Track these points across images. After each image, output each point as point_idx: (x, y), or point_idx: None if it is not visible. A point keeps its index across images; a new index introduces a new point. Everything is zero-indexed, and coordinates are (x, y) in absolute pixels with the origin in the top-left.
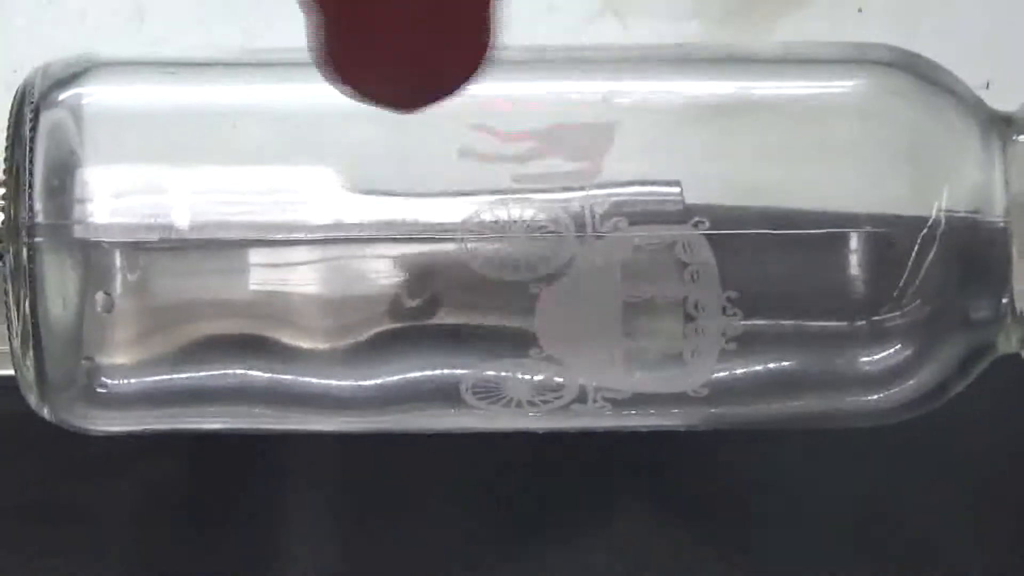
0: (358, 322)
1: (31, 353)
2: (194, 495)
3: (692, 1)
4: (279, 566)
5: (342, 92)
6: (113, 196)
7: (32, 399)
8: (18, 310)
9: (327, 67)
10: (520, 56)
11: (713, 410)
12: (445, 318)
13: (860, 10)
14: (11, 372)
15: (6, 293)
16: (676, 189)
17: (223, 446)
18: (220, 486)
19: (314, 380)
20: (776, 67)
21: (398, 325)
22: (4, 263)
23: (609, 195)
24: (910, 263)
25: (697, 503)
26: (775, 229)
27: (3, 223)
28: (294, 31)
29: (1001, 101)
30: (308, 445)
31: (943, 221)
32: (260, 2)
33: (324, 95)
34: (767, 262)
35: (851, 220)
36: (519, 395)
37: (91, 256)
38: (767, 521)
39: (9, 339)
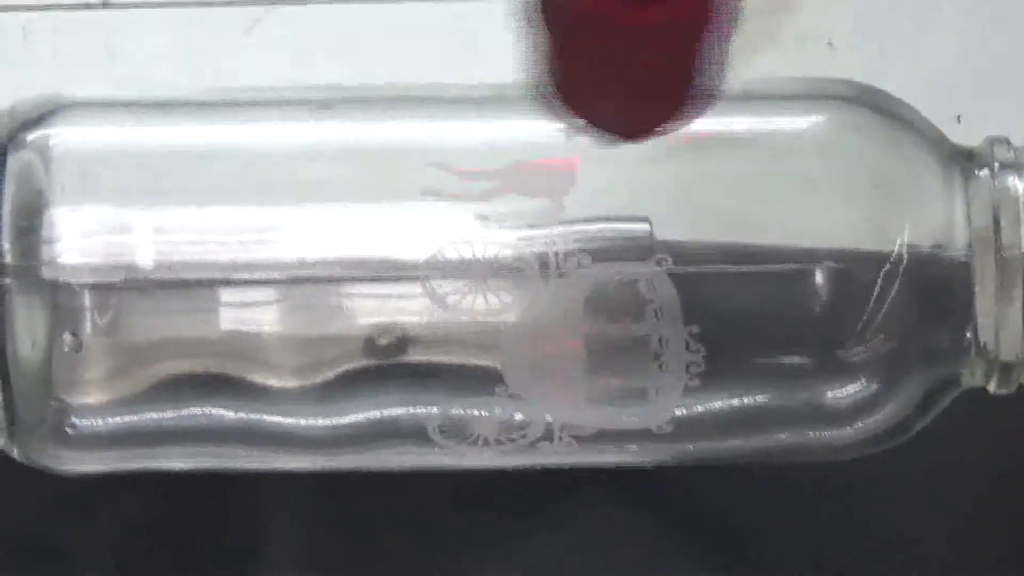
0: (325, 361)
1: (0, 393)
2: (171, 531)
3: None
4: None
5: (567, 122)
6: (81, 237)
7: (1, 440)
8: None
9: (555, 97)
10: (483, 93)
11: (679, 446)
12: (411, 357)
13: (830, 43)
14: None
15: None
16: (645, 225)
17: (200, 481)
18: (197, 522)
19: (282, 419)
20: (738, 103)
21: (364, 364)
22: None
23: (573, 232)
24: (873, 298)
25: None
26: (738, 264)
27: None
28: (264, 71)
29: (972, 135)
30: (286, 479)
31: (905, 256)
32: (231, 42)
33: (288, 135)
34: (730, 298)
35: (813, 255)
36: (486, 433)
37: (59, 297)
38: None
39: None
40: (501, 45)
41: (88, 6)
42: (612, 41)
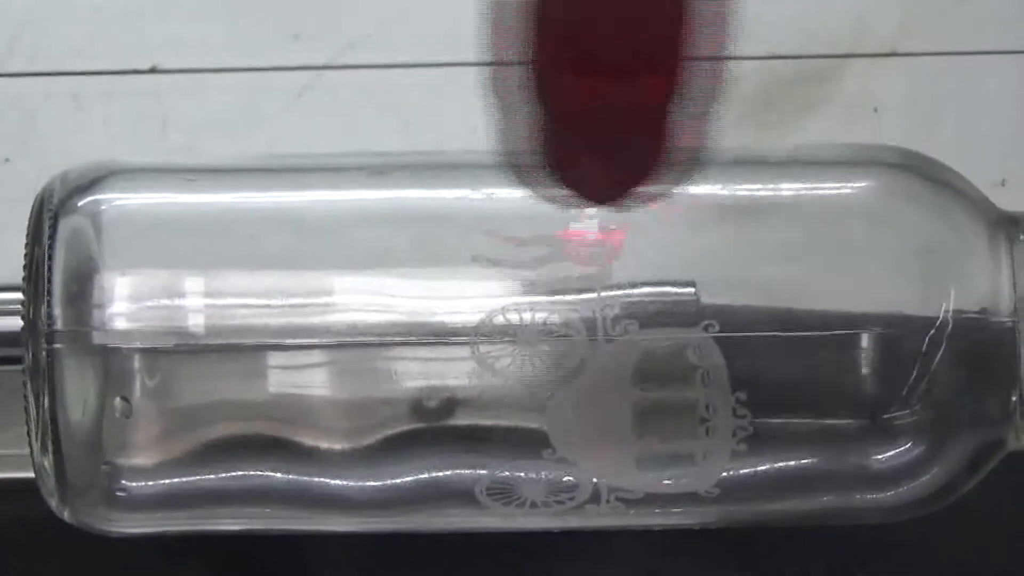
0: (374, 424)
1: (51, 457)
2: None
3: None
4: None
5: (556, 191)
6: (131, 302)
7: (53, 502)
8: (38, 414)
9: (548, 169)
10: None
11: (725, 509)
12: (460, 420)
13: (876, 110)
14: (31, 475)
15: (26, 398)
16: (691, 290)
17: (244, 548)
18: None
19: (331, 481)
20: (785, 169)
21: (413, 427)
22: (24, 368)
23: (620, 298)
24: (918, 363)
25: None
26: (784, 330)
27: (23, 328)
28: (314, 136)
29: (1016, 198)
30: (330, 547)
31: (951, 321)
32: (281, 107)
33: (339, 200)
34: (777, 363)
35: (860, 321)
36: (533, 496)
37: (110, 361)
38: None
39: (29, 443)
40: None
41: (137, 71)
42: (588, 107)
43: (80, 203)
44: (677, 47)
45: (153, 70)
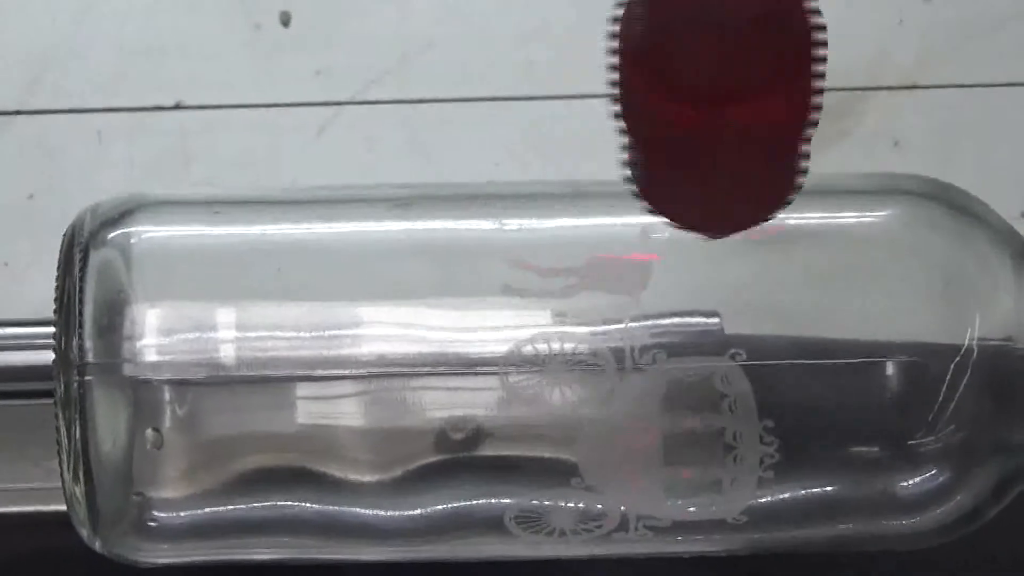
0: (403, 455)
1: (83, 488)
2: None
3: None
4: None
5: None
6: (161, 334)
7: (84, 533)
8: (70, 445)
9: (642, 197)
10: (559, 190)
11: (752, 536)
12: (489, 450)
13: (896, 143)
14: (63, 508)
15: (57, 429)
16: (716, 320)
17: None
18: None
19: (361, 511)
20: (810, 198)
21: (443, 457)
22: (55, 399)
23: (648, 328)
24: (943, 390)
25: None
26: (810, 358)
27: (55, 360)
28: (337, 170)
29: None
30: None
31: (976, 349)
32: (303, 142)
33: (367, 232)
34: (803, 391)
35: (885, 349)
36: (562, 524)
37: (140, 393)
38: None
39: (61, 474)
40: (573, 145)
41: (161, 108)
42: (694, 142)
43: (110, 236)
44: (786, 77)
45: (178, 106)
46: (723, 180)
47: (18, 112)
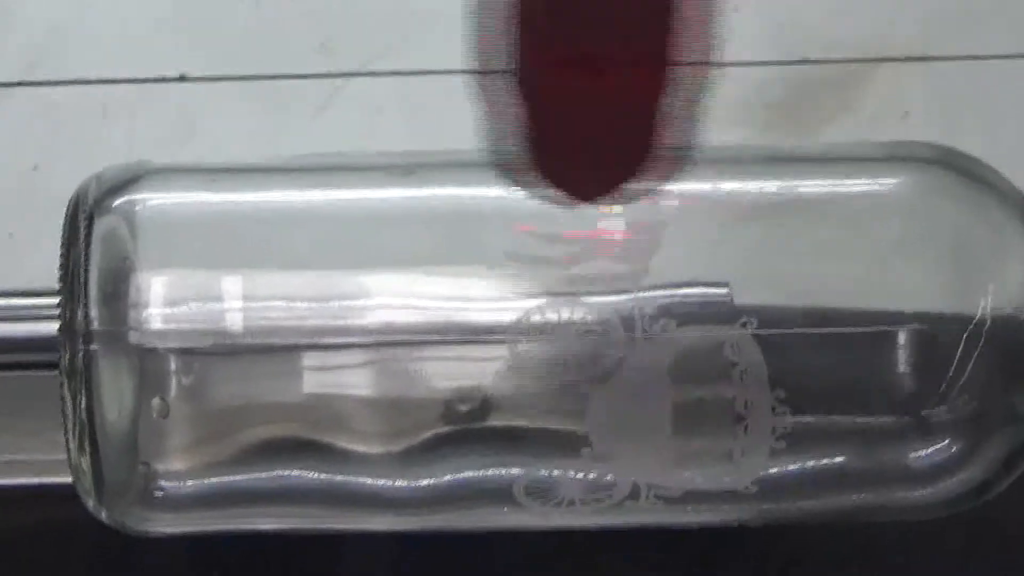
0: (411, 425)
1: (88, 458)
2: None
3: (735, 110)
4: None
5: (546, 190)
6: (167, 302)
7: (90, 503)
8: (75, 416)
9: (536, 168)
10: None
11: (763, 506)
12: (497, 420)
13: (905, 115)
14: (68, 479)
15: (63, 399)
16: (724, 290)
17: (272, 556)
18: None
19: (368, 481)
20: (820, 166)
21: (451, 428)
22: (60, 369)
23: (657, 296)
24: (956, 360)
25: None
26: (822, 327)
27: (60, 329)
28: (341, 142)
29: None
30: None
31: (988, 318)
32: (308, 114)
33: (373, 200)
34: (814, 360)
35: (897, 318)
36: (572, 494)
37: (146, 362)
38: None
39: (66, 445)
40: None
41: (165, 80)
42: (574, 105)
43: (115, 203)
44: (662, 44)
45: (182, 78)
46: (602, 143)
47: (21, 83)
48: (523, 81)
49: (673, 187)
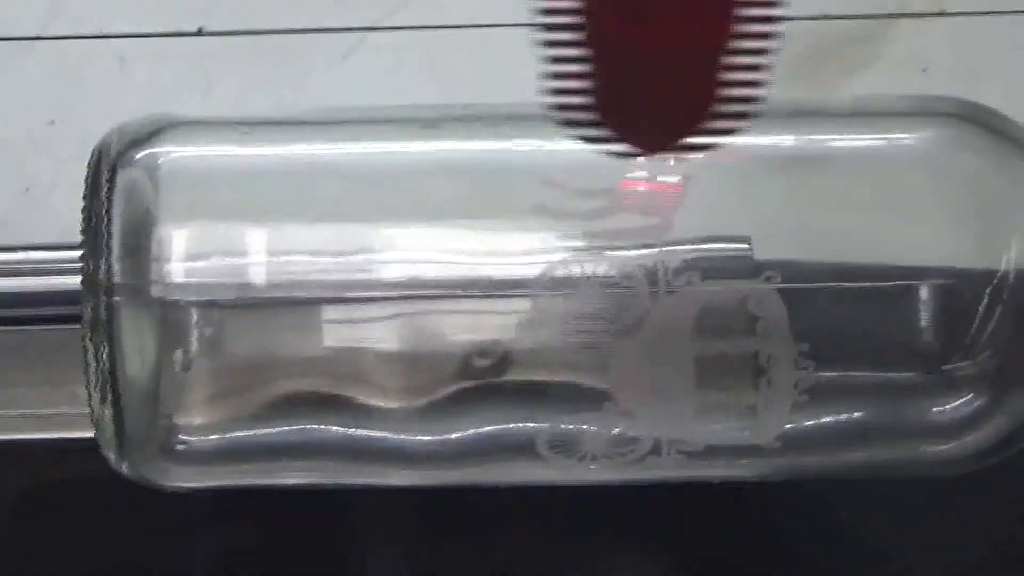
0: (434, 379)
1: (111, 410)
2: (268, 558)
3: None
4: None
5: (608, 142)
6: (189, 255)
7: (111, 456)
8: (97, 369)
9: (600, 120)
10: None
11: (786, 461)
12: (520, 375)
13: (925, 70)
14: (89, 433)
15: (85, 352)
16: (746, 245)
17: (296, 507)
18: (294, 548)
19: (390, 435)
20: (844, 120)
21: (474, 382)
22: (83, 322)
23: (681, 251)
24: (979, 314)
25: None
26: (846, 282)
27: (82, 282)
28: (361, 97)
29: None
30: (380, 504)
31: (1012, 272)
32: (327, 69)
33: (397, 153)
34: (838, 315)
35: (920, 273)
36: (594, 449)
37: (168, 315)
38: None
39: (88, 397)
40: None
41: (183, 33)
42: (638, 57)
43: (138, 156)
44: None
45: (200, 32)
46: (667, 96)
47: (39, 37)
48: (588, 33)
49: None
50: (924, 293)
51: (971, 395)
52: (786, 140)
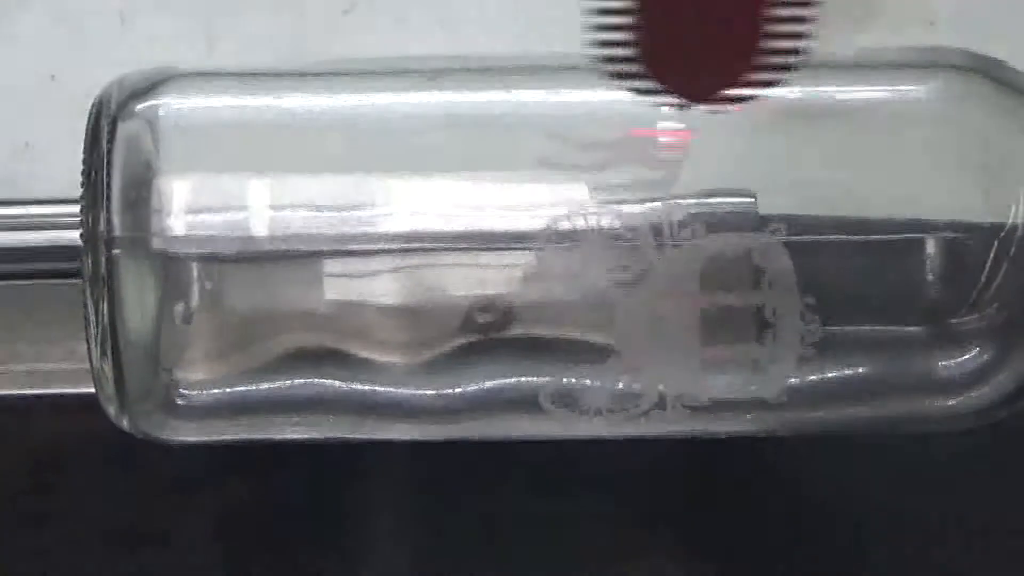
0: (437, 333)
1: (110, 365)
2: (272, 512)
3: None
4: None
5: (639, 87)
6: (190, 208)
7: (111, 410)
8: (97, 322)
9: (629, 63)
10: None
11: (791, 415)
12: (524, 328)
13: (932, 23)
14: (89, 389)
15: (85, 306)
16: (751, 199)
17: (298, 463)
18: (297, 504)
19: (392, 390)
20: (850, 72)
21: (477, 336)
22: (83, 275)
23: (686, 204)
24: (986, 268)
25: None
26: (852, 235)
27: (82, 235)
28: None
29: None
30: (382, 459)
31: (1020, 226)
32: (330, 23)
33: (401, 105)
34: (844, 268)
35: (927, 226)
36: (598, 403)
37: (169, 268)
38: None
39: (88, 351)
40: None
41: None
42: (684, 5)
43: (138, 108)
44: None
45: None
46: (713, 44)
47: None
48: None
49: None
50: (931, 246)
51: (978, 349)
52: (792, 92)
